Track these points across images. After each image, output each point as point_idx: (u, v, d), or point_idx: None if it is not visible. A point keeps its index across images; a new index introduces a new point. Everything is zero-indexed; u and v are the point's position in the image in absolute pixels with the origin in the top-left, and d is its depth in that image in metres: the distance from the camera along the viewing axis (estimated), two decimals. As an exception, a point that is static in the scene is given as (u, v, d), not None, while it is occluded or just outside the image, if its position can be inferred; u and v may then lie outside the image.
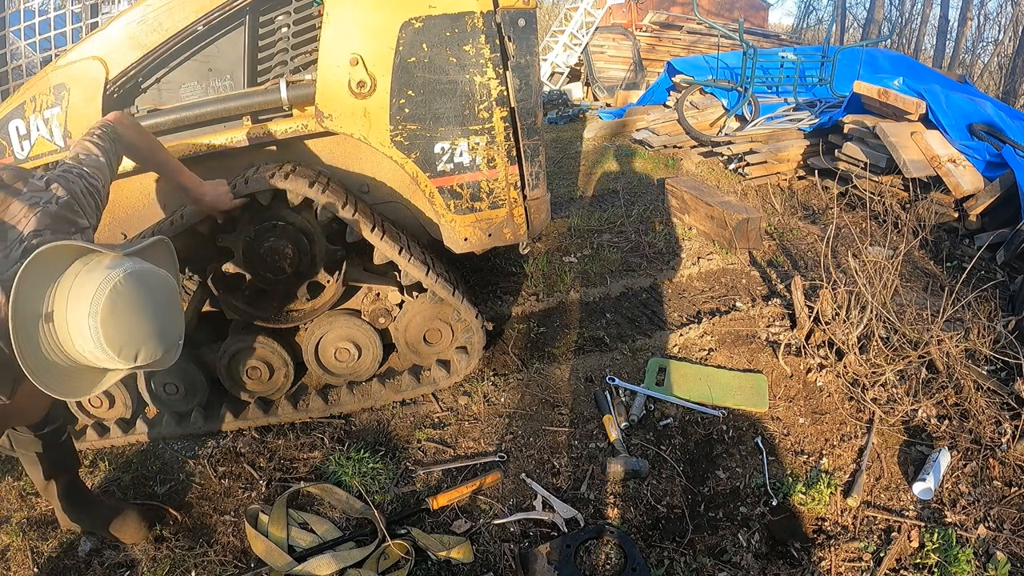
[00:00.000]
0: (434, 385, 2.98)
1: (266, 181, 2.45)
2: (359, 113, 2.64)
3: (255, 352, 2.82)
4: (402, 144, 2.68)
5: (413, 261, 2.67)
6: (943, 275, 3.98)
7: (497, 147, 2.72)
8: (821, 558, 2.14)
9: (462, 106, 2.65)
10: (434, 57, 2.57)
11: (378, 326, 2.93)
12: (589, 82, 11.68)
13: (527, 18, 2.64)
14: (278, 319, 2.80)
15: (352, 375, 2.97)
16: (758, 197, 5.54)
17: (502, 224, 2.88)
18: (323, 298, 2.80)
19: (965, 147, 4.57)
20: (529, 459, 2.60)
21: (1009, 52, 15.68)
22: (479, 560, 2.18)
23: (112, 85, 2.70)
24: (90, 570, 2.25)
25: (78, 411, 2.87)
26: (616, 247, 4.55)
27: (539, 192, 2.94)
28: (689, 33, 11.81)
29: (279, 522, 2.31)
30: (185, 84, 2.88)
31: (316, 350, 2.90)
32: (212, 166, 2.83)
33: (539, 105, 2.79)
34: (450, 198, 2.79)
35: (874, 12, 20.37)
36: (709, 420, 2.77)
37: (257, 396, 2.91)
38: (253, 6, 2.80)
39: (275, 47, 2.92)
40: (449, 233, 2.87)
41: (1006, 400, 2.63)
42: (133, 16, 2.68)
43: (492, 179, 2.78)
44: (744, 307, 3.64)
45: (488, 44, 2.57)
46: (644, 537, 2.26)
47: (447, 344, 3.03)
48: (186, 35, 2.72)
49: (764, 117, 6.73)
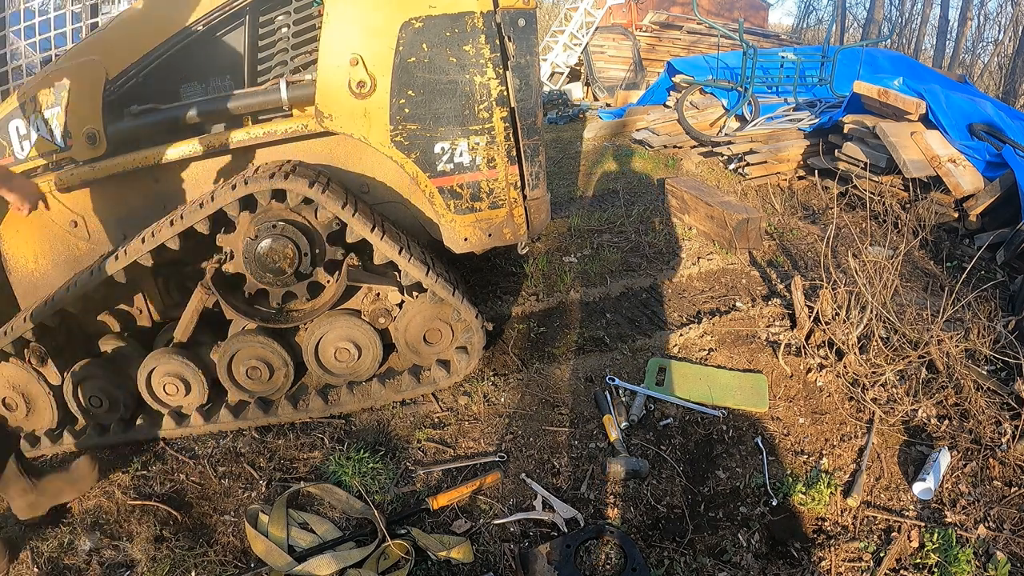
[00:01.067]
0: (434, 385, 2.98)
1: (266, 181, 2.45)
2: (359, 113, 2.64)
3: (255, 352, 2.82)
4: (402, 144, 2.68)
5: (413, 261, 2.67)
6: (943, 275, 3.98)
7: (497, 147, 2.72)
8: (821, 558, 2.14)
9: (462, 106, 2.65)
10: (434, 57, 2.57)
11: (378, 326, 2.93)
12: (589, 82, 11.68)
13: (527, 18, 2.64)
14: (278, 319, 2.80)
15: (352, 375, 2.97)
16: (758, 197, 5.54)
17: (502, 224, 2.88)
18: (323, 298, 2.80)
19: (965, 147, 4.57)
20: (529, 459, 2.60)
21: (1009, 52, 15.68)
22: (479, 560, 2.18)
23: (112, 85, 2.70)
24: (90, 570, 2.25)
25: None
26: (616, 247, 4.55)
27: (539, 192, 2.94)
28: (689, 33, 11.81)
29: (279, 522, 2.31)
30: (186, 84, 2.88)
31: (316, 350, 2.90)
32: (210, 165, 2.83)
33: (539, 105, 2.79)
34: (450, 198, 2.79)
35: (874, 12, 20.37)
36: (709, 420, 2.77)
37: (257, 396, 2.91)
38: (253, 6, 2.81)
39: (275, 47, 2.92)
40: (449, 233, 2.86)
41: (1006, 400, 2.63)
42: (133, 16, 2.68)
43: (492, 179, 2.78)
44: (744, 307, 3.64)
45: (488, 44, 2.57)
46: (644, 537, 2.26)
47: (447, 344, 3.03)
48: (186, 35, 2.72)
49: (764, 117, 6.73)
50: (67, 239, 2.92)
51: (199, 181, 2.85)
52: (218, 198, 2.50)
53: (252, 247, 2.58)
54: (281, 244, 2.58)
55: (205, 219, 2.52)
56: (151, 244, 2.53)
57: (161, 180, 2.83)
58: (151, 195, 2.86)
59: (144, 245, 2.54)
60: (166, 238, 2.52)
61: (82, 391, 2.80)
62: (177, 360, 2.77)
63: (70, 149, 2.73)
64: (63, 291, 2.66)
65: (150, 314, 2.99)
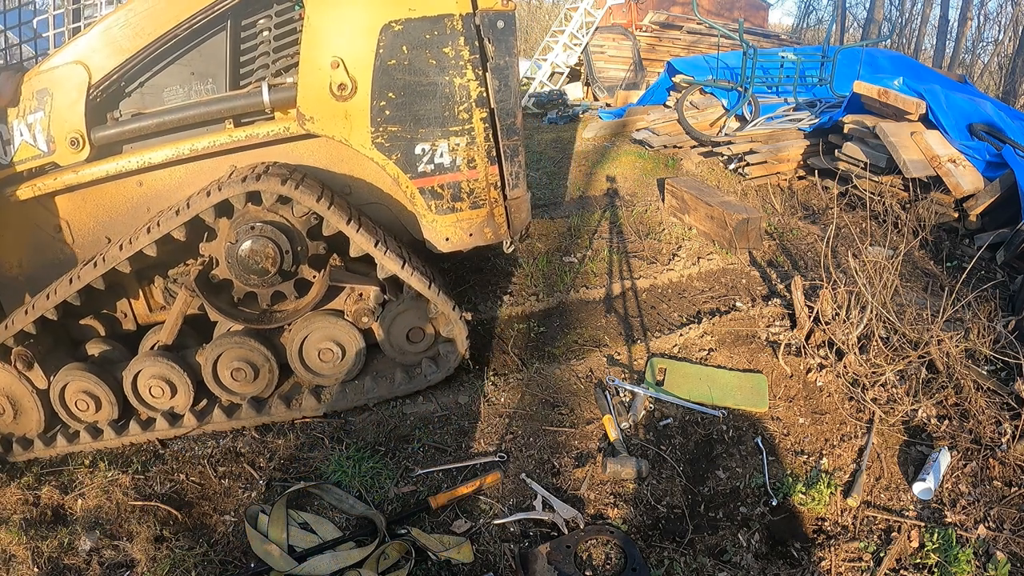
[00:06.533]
0: (426, 381, 2.97)
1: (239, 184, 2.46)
2: (340, 115, 2.65)
3: (239, 354, 2.83)
4: (383, 145, 2.70)
5: (389, 254, 2.67)
6: (943, 275, 3.98)
7: (477, 148, 2.74)
8: (821, 558, 2.14)
9: (442, 107, 2.66)
10: (414, 59, 2.59)
11: (361, 326, 2.93)
12: (589, 82, 11.67)
13: (506, 20, 2.65)
14: (262, 320, 2.81)
15: (337, 375, 2.97)
16: (758, 197, 5.54)
17: (483, 224, 2.90)
18: (307, 297, 2.80)
19: (965, 147, 4.57)
20: (529, 459, 2.60)
21: (1009, 52, 15.68)
22: (479, 560, 2.18)
23: (95, 90, 2.71)
24: (90, 570, 2.25)
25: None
26: (616, 247, 4.55)
27: (519, 192, 2.96)
28: (689, 33, 11.81)
29: (279, 522, 2.31)
30: (168, 88, 2.89)
31: (300, 351, 2.90)
32: (193, 169, 2.85)
33: (519, 105, 2.80)
34: (431, 198, 2.81)
35: (874, 12, 20.36)
36: (709, 420, 2.77)
37: (246, 397, 2.91)
38: (235, 10, 2.81)
39: (257, 50, 2.93)
40: (431, 233, 2.88)
41: (1006, 400, 2.63)
42: (115, 20, 2.69)
43: (472, 179, 2.80)
44: (744, 307, 3.64)
45: (467, 46, 2.59)
46: (644, 537, 2.26)
47: (431, 341, 3.03)
48: (168, 39, 2.73)
49: (764, 117, 6.73)
50: (52, 244, 2.93)
51: (183, 185, 2.86)
52: (193, 205, 2.51)
53: (234, 251, 2.58)
54: (261, 244, 2.57)
55: (182, 226, 2.53)
56: (128, 251, 2.55)
57: (145, 184, 2.84)
58: (135, 199, 2.86)
59: (122, 252, 2.56)
60: (143, 245, 2.53)
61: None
62: (163, 363, 2.78)
63: (54, 154, 2.73)
64: (43, 298, 2.67)
65: (135, 318, 3.02)
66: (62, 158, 2.75)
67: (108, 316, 3.03)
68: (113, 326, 3.04)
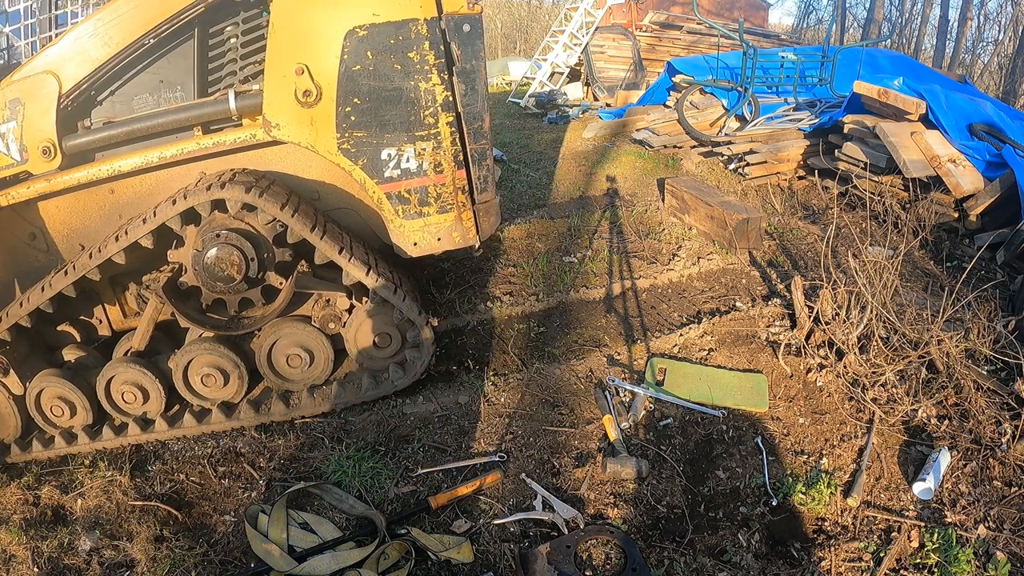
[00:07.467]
0: (393, 386, 2.96)
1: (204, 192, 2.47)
2: (306, 122, 2.65)
3: (209, 360, 2.83)
4: (349, 151, 2.70)
5: (354, 261, 2.67)
6: (943, 275, 3.98)
7: (443, 152, 2.74)
8: (821, 558, 2.14)
9: (408, 112, 2.66)
10: (379, 65, 2.58)
11: (328, 331, 2.93)
12: (589, 82, 11.67)
13: (472, 23, 2.64)
14: (230, 326, 2.81)
15: (305, 381, 2.97)
16: (758, 197, 5.54)
17: (451, 228, 2.90)
18: (275, 304, 2.80)
19: (965, 147, 4.57)
20: (529, 459, 2.60)
21: (1009, 52, 15.68)
22: (479, 560, 2.18)
23: (66, 99, 2.72)
24: (90, 570, 2.25)
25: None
26: (616, 247, 4.55)
27: (488, 196, 2.95)
28: (689, 33, 11.80)
29: (279, 522, 2.31)
30: (138, 96, 2.90)
31: (269, 357, 2.91)
32: (164, 177, 2.86)
33: (486, 109, 2.79)
34: (398, 204, 2.80)
35: (874, 12, 20.37)
36: (709, 420, 2.77)
37: (220, 402, 2.91)
38: (202, 17, 2.81)
39: (225, 57, 2.94)
40: (399, 238, 2.88)
41: (1006, 400, 2.63)
42: (84, 30, 2.69)
43: (439, 184, 2.80)
44: (744, 307, 3.64)
45: (432, 50, 2.59)
46: (644, 537, 2.26)
47: (397, 347, 3.01)
48: (136, 47, 2.74)
49: (764, 117, 6.73)
50: (26, 251, 2.94)
51: (155, 192, 2.87)
52: (160, 213, 2.52)
53: (199, 259, 2.59)
54: (227, 252, 2.57)
55: (150, 234, 2.54)
56: (98, 259, 2.56)
57: (117, 191, 2.85)
58: (108, 207, 2.87)
59: (91, 260, 2.57)
60: (112, 253, 2.55)
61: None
62: (135, 369, 2.78)
63: (26, 163, 2.74)
64: (17, 305, 2.68)
65: (110, 324, 3.04)
66: (35, 167, 2.76)
67: (84, 322, 3.05)
68: (89, 332, 3.07)
